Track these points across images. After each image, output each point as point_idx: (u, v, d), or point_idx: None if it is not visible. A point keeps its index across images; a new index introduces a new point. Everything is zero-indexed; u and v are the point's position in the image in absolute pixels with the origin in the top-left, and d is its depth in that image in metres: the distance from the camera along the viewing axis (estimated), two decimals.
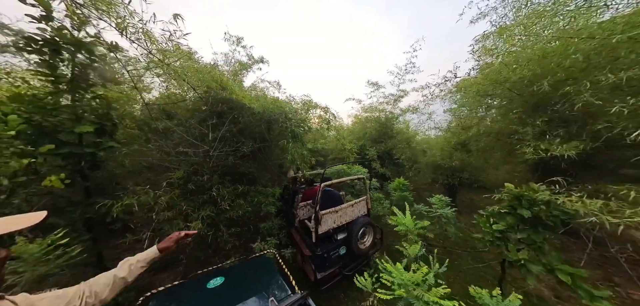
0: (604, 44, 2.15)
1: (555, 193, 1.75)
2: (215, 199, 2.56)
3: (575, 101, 2.28)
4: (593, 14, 2.39)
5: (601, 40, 2.17)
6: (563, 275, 1.53)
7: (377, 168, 5.74)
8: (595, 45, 2.23)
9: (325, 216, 2.46)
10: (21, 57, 2.42)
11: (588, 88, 2.15)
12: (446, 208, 3.26)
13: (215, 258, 2.80)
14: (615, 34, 1.98)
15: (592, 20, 2.38)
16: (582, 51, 2.28)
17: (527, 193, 1.78)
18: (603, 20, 2.34)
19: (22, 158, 1.33)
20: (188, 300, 1.41)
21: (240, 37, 4.18)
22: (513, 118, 3.40)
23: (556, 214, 1.65)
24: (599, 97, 2.15)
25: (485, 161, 4.91)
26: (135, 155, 2.53)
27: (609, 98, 2.15)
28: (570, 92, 2.37)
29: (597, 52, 2.28)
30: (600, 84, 2.10)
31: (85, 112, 1.88)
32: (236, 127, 3.00)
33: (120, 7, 1.79)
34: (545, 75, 2.58)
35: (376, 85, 6.45)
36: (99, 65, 1.95)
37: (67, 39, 1.71)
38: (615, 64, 2.14)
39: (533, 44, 2.89)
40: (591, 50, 2.29)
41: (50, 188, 1.38)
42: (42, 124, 1.52)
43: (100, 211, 1.71)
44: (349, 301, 2.54)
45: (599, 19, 2.38)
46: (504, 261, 1.99)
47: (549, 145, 2.52)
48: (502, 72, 3.19)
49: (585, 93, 2.14)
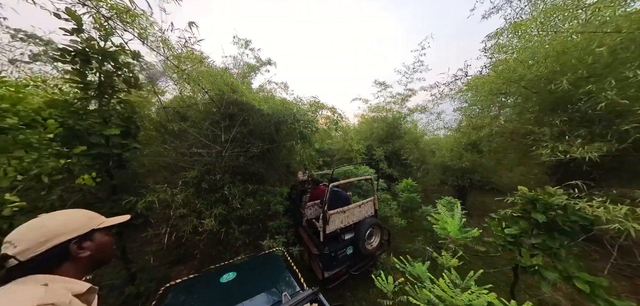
0: (633, 37, 2.03)
1: (575, 198, 1.66)
2: (226, 197, 2.67)
3: (599, 99, 2.15)
4: (620, 4, 2.23)
5: (629, 34, 2.04)
6: (581, 284, 1.47)
7: (385, 168, 5.70)
8: (622, 39, 2.11)
9: (333, 216, 2.50)
10: (51, 65, 2.66)
11: (613, 86, 2.04)
12: (455, 210, 3.20)
13: (226, 254, 2.91)
14: None
15: (619, 11, 2.23)
16: (607, 46, 2.14)
17: (542, 196, 1.72)
18: (632, 11, 2.18)
19: (59, 158, 1.48)
20: (202, 293, 1.49)
21: (249, 40, 4.31)
22: (529, 118, 3.26)
23: (574, 220, 1.59)
24: (626, 95, 2.03)
25: (498, 162, 4.75)
26: (153, 155, 2.69)
27: (638, 97, 2.03)
28: (593, 90, 2.25)
29: (624, 47, 2.14)
30: (627, 81, 1.98)
31: (112, 116, 2.04)
32: (246, 128, 3.11)
33: (142, 18, 1.93)
34: (565, 72, 2.46)
35: (383, 84, 6.39)
36: (123, 72, 2.11)
37: (95, 49, 1.86)
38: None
39: (551, 39, 2.76)
40: (617, 44, 2.15)
41: (82, 186, 1.51)
42: (75, 128, 1.67)
43: (125, 207, 1.85)
44: (355, 301, 2.56)
45: (628, 8, 2.22)
46: (516, 267, 1.93)
47: (569, 146, 2.40)
48: (517, 70, 3.08)
49: (610, 91, 2.03)
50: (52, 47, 2.71)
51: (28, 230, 0.57)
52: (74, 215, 0.66)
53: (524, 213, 1.82)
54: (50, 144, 1.46)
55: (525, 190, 1.84)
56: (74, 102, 1.87)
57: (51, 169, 1.43)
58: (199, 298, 1.43)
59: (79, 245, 0.62)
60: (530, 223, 1.76)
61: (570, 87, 2.36)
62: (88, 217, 0.69)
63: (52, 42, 2.71)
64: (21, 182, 1.29)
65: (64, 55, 1.74)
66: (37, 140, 1.40)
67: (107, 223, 0.72)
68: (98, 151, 1.79)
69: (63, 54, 1.73)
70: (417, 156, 5.70)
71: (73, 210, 0.68)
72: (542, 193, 1.75)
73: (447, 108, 6.08)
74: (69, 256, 0.60)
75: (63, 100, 1.86)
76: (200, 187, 2.62)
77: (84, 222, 0.66)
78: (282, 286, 1.45)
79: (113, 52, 2.00)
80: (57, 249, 0.58)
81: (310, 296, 1.12)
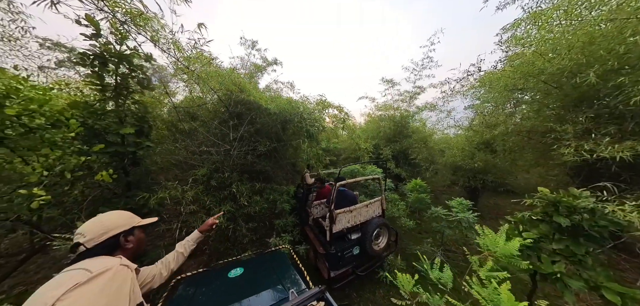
0: None
1: (603, 201, 1.56)
2: (234, 195, 2.73)
3: (632, 93, 2.00)
4: None
5: None
6: (611, 295, 1.35)
7: (392, 168, 5.60)
8: None
9: (340, 215, 2.49)
10: (73, 70, 2.83)
11: None
12: (467, 212, 3.08)
13: (234, 250, 2.98)
14: None
15: None
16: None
17: (565, 199, 1.61)
18: None
19: (80, 156, 1.57)
20: (211, 286, 1.55)
21: (255, 41, 4.38)
22: (549, 115, 3.07)
23: (604, 224, 1.47)
24: None
25: (513, 163, 4.51)
26: (165, 153, 2.80)
27: None
28: (626, 83, 2.08)
29: None
30: None
31: (127, 115, 2.15)
32: (253, 127, 3.16)
33: (154, 21, 2.00)
34: (591, 64, 2.28)
35: (391, 82, 6.27)
36: (137, 74, 2.20)
37: (112, 52, 1.96)
38: None
39: (576, 29, 2.57)
40: None
41: (101, 182, 1.60)
42: (94, 127, 1.77)
43: (139, 202, 1.95)
44: (361, 302, 2.54)
45: None
46: (535, 274, 1.83)
47: (596, 145, 2.23)
48: (535, 63, 2.91)
49: None
50: (74, 54, 2.90)
51: (92, 225, 0.77)
52: (121, 215, 0.87)
53: (545, 216, 1.72)
54: (72, 143, 1.56)
55: (547, 192, 1.74)
56: (93, 103, 1.98)
57: (73, 166, 1.52)
58: (207, 291, 1.48)
59: (125, 238, 0.83)
60: (551, 227, 1.66)
61: (598, 80, 2.19)
62: (130, 216, 0.89)
63: (75, 49, 2.90)
64: (47, 177, 1.38)
65: (84, 59, 1.84)
66: (61, 139, 1.49)
67: (143, 223, 0.93)
68: (115, 149, 1.89)
69: (83, 57, 1.84)
70: (426, 155, 5.55)
71: (120, 211, 0.88)
72: (565, 195, 1.64)
73: (458, 105, 5.87)
74: (119, 246, 0.81)
75: (84, 101, 1.98)
76: (209, 185, 2.70)
77: (127, 220, 0.86)
78: (288, 283, 1.47)
79: (128, 54, 2.10)
80: (111, 240, 0.78)
81: (317, 294, 1.13)
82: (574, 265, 1.53)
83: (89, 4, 1.74)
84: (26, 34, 2.60)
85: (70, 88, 2.30)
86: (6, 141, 1.35)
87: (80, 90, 2.24)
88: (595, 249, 1.53)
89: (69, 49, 3.02)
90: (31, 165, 1.36)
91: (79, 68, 2.32)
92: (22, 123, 1.39)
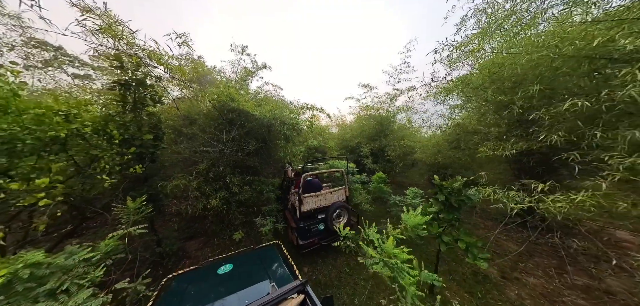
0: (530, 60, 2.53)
1: (483, 187, 2.30)
2: (228, 185, 3.47)
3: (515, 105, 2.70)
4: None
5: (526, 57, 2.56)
6: (461, 243, 2.14)
7: (369, 164, 6.33)
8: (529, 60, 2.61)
9: (307, 198, 3.23)
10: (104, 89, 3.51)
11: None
12: (416, 199, 3.86)
13: (228, 230, 3.74)
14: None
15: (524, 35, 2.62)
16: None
17: (447, 184, 2.34)
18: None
19: (122, 156, 2.29)
20: (201, 283, 1.59)
21: (245, 46, 4.86)
22: (480, 119, 3.83)
23: (461, 199, 2.23)
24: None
25: (472, 158, 5.25)
26: (173, 152, 3.52)
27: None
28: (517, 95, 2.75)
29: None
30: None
31: (143, 124, 2.85)
32: (243, 130, 3.86)
33: (165, 56, 2.69)
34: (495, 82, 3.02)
35: (368, 86, 6.94)
36: (149, 93, 2.91)
37: (132, 79, 2.66)
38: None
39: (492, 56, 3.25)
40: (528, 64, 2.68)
41: (133, 174, 2.33)
42: (124, 136, 2.49)
43: (156, 188, 2.68)
44: (324, 267, 3.31)
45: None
46: (438, 239, 2.58)
47: (497, 146, 2.98)
48: (472, 79, 3.60)
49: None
50: (109, 82, 3.53)
51: None
52: None
53: (435, 196, 2.48)
54: (115, 147, 2.28)
55: (437, 178, 2.48)
56: (120, 117, 2.69)
57: (117, 163, 2.25)
58: (196, 288, 1.51)
59: None
60: (440, 203, 2.42)
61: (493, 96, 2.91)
62: None
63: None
64: (108, 168, 2.12)
65: (114, 86, 2.55)
66: (106, 143, 2.22)
67: None
68: (140, 150, 2.61)
69: (113, 85, 2.55)
70: (399, 153, 6.27)
71: None
72: (448, 181, 2.38)
73: (430, 108, 6.57)
74: None
75: (112, 113, 2.68)
76: (208, 177, 3.43)
77: None
78: (275, 277, 1.51)
79: (142, 78, 2.79)
80: None
81: (298, 287, 1.12)
82: (450, 227, 2.30)
83: (107, 41, 2.44)
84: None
85: (98, 104, 2.99)
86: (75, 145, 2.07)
87: (107, 105, 2.93)
88: (457, 215, 2.25)
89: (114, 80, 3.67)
90: (102, 161, 2.09)
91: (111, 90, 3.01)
92: (81, 133, 2.11)
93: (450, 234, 2.26)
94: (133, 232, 1.88)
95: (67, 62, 4.04)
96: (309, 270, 3.21)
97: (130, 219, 2.02)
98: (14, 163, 1.78)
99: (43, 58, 3.91)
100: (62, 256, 1.53)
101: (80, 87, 3.80)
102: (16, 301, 1.27)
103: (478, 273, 3.07)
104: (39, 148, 1.88)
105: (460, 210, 2.27)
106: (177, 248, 3.49)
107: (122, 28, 2.39)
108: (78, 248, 1.64)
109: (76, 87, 3.84)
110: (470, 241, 2.11)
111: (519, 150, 2.77)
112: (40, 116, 1.85)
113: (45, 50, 3.87)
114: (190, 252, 3.63)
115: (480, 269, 3.09)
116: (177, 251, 3.48)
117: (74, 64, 4.11)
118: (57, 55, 4.01)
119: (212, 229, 3.90)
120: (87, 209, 2.44)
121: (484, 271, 3.10)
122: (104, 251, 1.70)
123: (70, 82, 4.10)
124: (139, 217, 2.12)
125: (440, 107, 5.89)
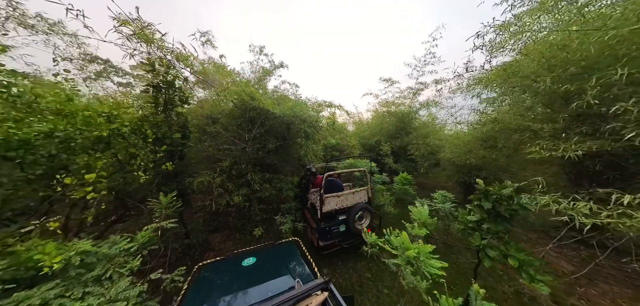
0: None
1: (541, 193, 1.89)
2: (249, 182, 3.55)
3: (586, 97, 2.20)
4: None
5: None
6: (512, 260, 1.80)
7: (390, 163, 6.01)
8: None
9: (329, 199, 3.14)
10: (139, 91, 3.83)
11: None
12: (446, 204, 3.52)
13: (249, 226, 3.84)
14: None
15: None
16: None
17: (494, 189, 2.02)
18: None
19: (156, 153, 2.45)
20: (227, 273, 1.69)
21: (263, 46, 4.94)
22: (528, 115, 3.30)
23: (515, 208, 1.90)
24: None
25: (510, 159, 4.62)
26: (199, 150, 3.70)
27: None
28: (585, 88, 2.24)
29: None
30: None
31: (172, 124, 3.02)
32: (263, 128, 3.91)
33: (191, 58, 2.81)
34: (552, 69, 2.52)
35: (389, 80, 6.56)
36: (178, 94, 3.06)
37: (163, 82, 2.82)
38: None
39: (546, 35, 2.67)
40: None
41: (165, 170, 2.48)
42: (157, 135, 2.66)
43: (184, 184, 2.83)
44: (345, 270, 3.20)
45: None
46: (479, 250, 2.27)
47: (555, 145, 2.42)
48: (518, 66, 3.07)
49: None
50: (144, 85, 3.87)
51: None
52: None
53: (479, 202, 2.18)
54: (149, 146, 2.44)
55: (481, 183, 2.18)
56: (153, 118, 2.88)
57: (151, 159, 2.41)
58: (223, 277, 1.62)
59: None
60: (484, 211, 2.11)
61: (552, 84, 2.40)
62: None
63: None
64: (143, 165, 2.28)
65: (147, 89, 2.73)
66: (142, 142, 2.38)
67: None
68: (170, 149, 2.77)
69: (147, 88, 2.73)
70: (423, 152, 5.83)
71: None
72: (497, 187, 2.03)
73: (459, 102, 5.96)
74: None
75: (146, 115, 2.88)
76: (231, 174, 3.53)
77: None
78: (295, 273, 1.55)
79: (172, 81, 2.95)
80: None
81: (322, 284, 1.13)
82: (497, 240, 1.99)
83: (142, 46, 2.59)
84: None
85: (139, 107, 3.25)
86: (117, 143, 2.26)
87: (143, 107, 3.17)
88: (506, 227, 1.94)
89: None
90: (137, 159, 2.26)
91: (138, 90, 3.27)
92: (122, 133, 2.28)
93: (497, 248, 1.96)
94: (165, 226, 1.99)
95: (113, 73, 4.53)
96: (328, 273, 3.13)
97: (163, 213, 2.14)
98: (71, 159, 1.99)
99: (95, 70, 4.43)
100: (106, 246, 1.66)
101: (123, 94, 4.21)
102: (71, 285, 1.40)
103: (522, 293, 2.65)
104: (88, 147, 2.08)
105: (511, 221, 1.95)
106: (202, 240, 3.68)
107: (153, 32, 2.53)
108: (120, 238, 1.77)
109: (120, 93, 4.26)
110: (525, 258, 1.80)
111: (586, 151, 2.28)
112: (88, 118, 2.04)
113: (96, 62, 4.39)
114: (213, 244, 3.80)
115: (526, 290, 2.68)
116: (203, 243, 3.67)
117: (118, 73, 4.58)
118: (106, 67, 4.51)
119: (234, 224, 4.05)
120: (128, 201, 2.67)
121: (530, 293, 2.68)
122: (141, 242, 1.82)
123: (116, 89, 4.58)
124: (170, 211, 2.24)
125: (471, 101, 5.34)
